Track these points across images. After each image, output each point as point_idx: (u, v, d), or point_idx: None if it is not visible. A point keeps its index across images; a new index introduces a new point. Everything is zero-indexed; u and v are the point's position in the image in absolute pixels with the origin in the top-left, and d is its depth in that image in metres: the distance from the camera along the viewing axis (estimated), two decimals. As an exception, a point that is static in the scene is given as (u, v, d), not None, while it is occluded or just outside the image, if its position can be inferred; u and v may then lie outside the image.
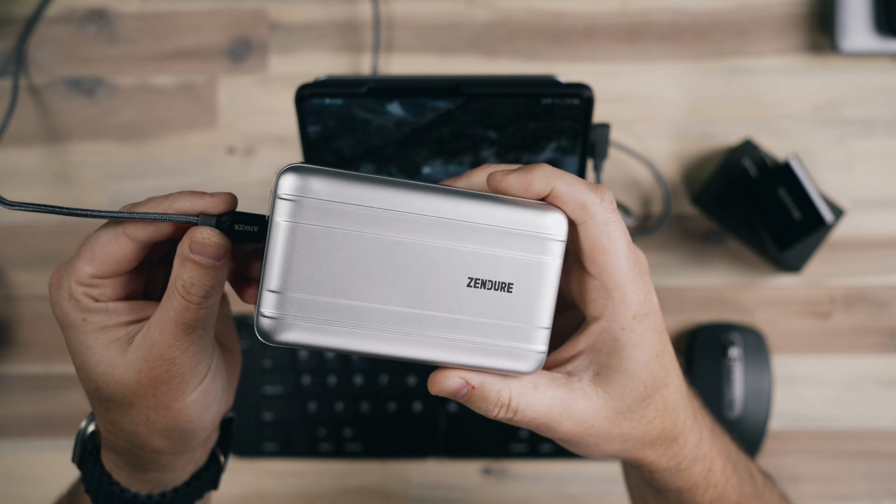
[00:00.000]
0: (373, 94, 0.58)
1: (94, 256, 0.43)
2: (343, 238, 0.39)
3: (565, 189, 0.42)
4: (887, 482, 0.79)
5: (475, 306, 0.41)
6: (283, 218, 0.38)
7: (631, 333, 0.44)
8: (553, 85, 0.57)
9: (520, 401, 0.43)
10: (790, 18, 0.80)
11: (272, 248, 0.39)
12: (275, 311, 0.39)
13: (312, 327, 0.39)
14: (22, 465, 0.82)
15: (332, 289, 0.39)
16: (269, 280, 0.39)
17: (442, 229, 0.40)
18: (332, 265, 0.39)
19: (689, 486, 0.50)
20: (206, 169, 0.81)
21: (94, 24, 0.82)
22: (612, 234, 0.43)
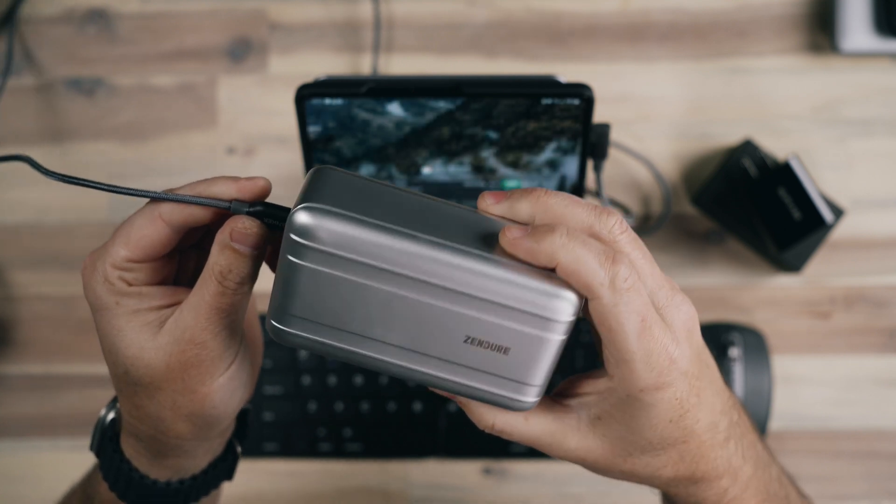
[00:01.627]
0: (373, 94, 0.58)
1: (130, 240, 0.44)
2: (346, 284, 0.39)
3: (571, 267, 0.39)
4: (887, 482, 0.79)
5: (470, 358, 0.41)
6: (290, 255, 0.39)
7: (638, 402, 0.42)
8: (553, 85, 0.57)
9: (505, 427, 0.44)
10: (790, 18, 0.80)
11: (279, 273, 0.40)
12: (279, 323, 0.41)
13: (315, 340, 0.41)
14: (22, 465, 0.82)
15: (332, 319, 0.40)
16: (274, 298, 0.40)
17: (447, 294, 0.39)
18: (334, 303, 0.40)
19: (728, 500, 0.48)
20: (206, 169, 0.81)
21: (94, 24, 0.82)
22: (620, 316, 0.40)
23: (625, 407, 0.43)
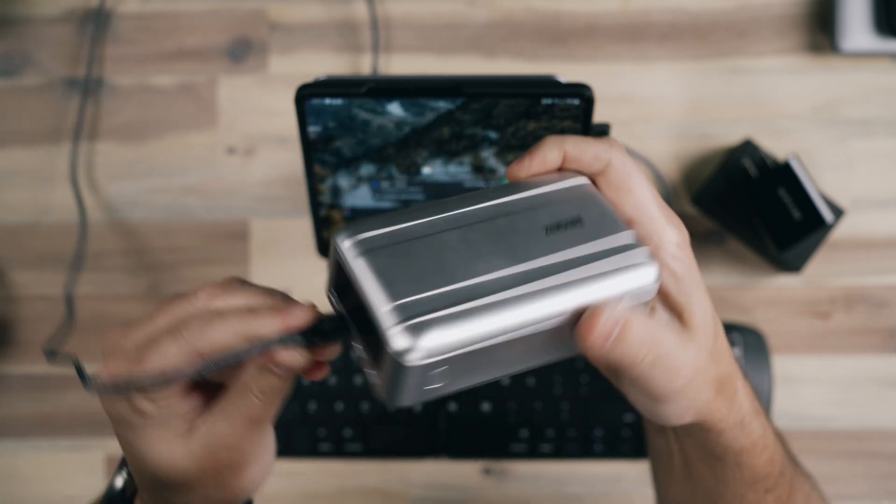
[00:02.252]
0: (373, 94, 0.58)
1: (165, 376, 0.41)
2: (415, 242, 0.40)
3: (575, 148, 0.44)
4: (887, 482, 0.79)
5: (566, 243, 0.41)
6: (353, 256, 0.39)
7: (681, 263, 0.44)
8: (553, 85, 0.57)
9: (637, 327, 0.42)
10: (790, 18, 0.80)
11: (362, 284, 0.39)
12: (399, 322, 0.37)
13: (444, 319, 0.38)
14: (22, 465, 0.82)
15: (437, 280, 0.39)
16: (378, 306, 0.38)
17: (490, 213, 0.42)
18: (423, 264, 0.39)
19: (750, 445, 0.50)
20: (206, 169, 0.81)
21: (94, 25, 0.82)
22: (632, 173, 0.44)
23: (679, 284, 0.44)
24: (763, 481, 0.52)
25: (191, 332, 0.41)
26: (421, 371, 0.37)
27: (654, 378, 0.43)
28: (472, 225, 0.41)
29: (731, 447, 0.50)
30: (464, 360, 0.38)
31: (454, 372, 0.39)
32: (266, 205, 0.81)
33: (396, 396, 0.39)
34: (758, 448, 0.51)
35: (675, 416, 0.46)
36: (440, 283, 0.38)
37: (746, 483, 0.52)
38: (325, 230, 0.66)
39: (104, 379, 0.41)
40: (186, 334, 0.41)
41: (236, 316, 0.41)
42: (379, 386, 0.39)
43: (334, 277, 0.41)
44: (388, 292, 0.38)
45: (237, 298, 0.43)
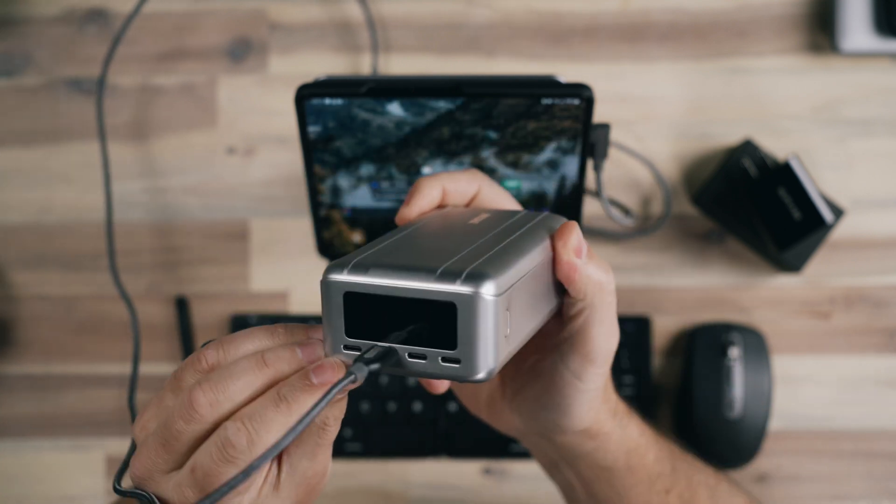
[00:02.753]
0: (373, 94, 0.58)
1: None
2: (403, 247, 0.42)
3: (451, 183, 0.49)
4: (887, 482, 0.79)
5: (502, 221, 0.47)
6: (363, 274, 0.39)
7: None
8: (553, 85, 0.57)
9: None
10: (790, 18, 0.80)
11: (394, 283, 0.39)
12: (454, 279, 0.38)
13: (485, 265, 0.39)
14: (22, 465, 0.82)
15: (448, 253, 0.41)
16: (426, 283, 0.39)
17: (440, 223, 0.47)
18: (426, 250, 0.41)
19: (633, 444, 0.54)
20: (206, 169, 0.81)
21: (94, 24, 0.82)
22: (500, 193, 0.51)
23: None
24: (659, 480, 0.55)
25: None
26: (500, 305, 0.38)
27: (604, 323, 0.48)
28: (438, 228, 0.45)
29: (618, 452, 0.53)
30: (517, 297, 0.40)
31: (514, 314, 0.40)
32: (266, 205, 0.81)
33: (484, 355, 0.39)
34: (641, 448, 0.54)
35: (584, 405, 0.50)
36: (452, 254, 0.40)
37: (644, 485, 0.55)
38: (325, 230, 0.66)
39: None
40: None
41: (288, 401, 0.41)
42: (462, 363, 0.39)
43: (344, 323, 0.40)
44: (421, 273, 0.39)
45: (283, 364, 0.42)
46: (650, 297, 0.80)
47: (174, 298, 0.81)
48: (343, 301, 0.39)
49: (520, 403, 0.53)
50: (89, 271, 0.81)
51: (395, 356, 0.39)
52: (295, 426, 0.37)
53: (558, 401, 0.50)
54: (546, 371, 0.50)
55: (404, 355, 0.39)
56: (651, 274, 0.80)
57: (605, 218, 0.78)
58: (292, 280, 0.81)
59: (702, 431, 0.76)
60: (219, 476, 0.40)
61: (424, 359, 0.39)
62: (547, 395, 0.51)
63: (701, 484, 0.58)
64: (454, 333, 0.38)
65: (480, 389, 0.56)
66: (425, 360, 0.39)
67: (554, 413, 0.51)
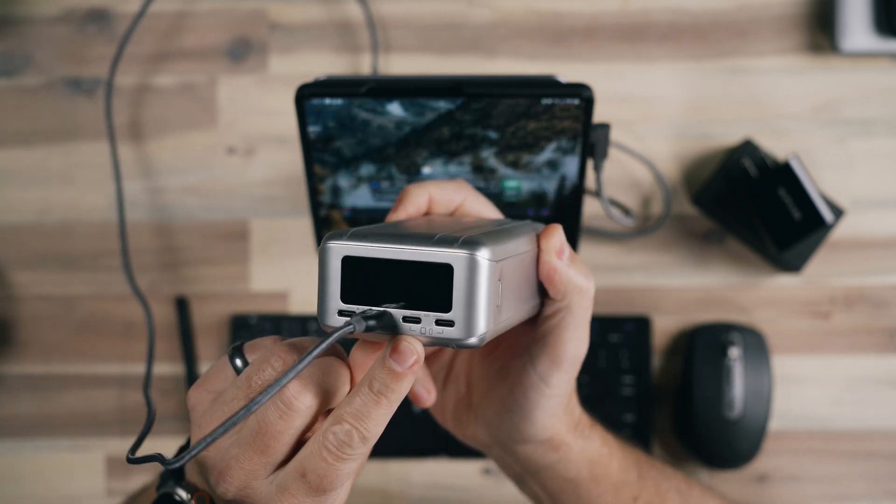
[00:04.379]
0: (373, 94, 0.58)
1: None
2: (396, 225, 0.44)
3: (438, 191, 0.50)
4: (887, 482, 0.79)
5: None
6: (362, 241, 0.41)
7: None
8: (553, 85, 0.57)
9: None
10: (790, 18, 0.80)
11: (393, 248, 0.40)
12: (452, 244, 0.40)
13: (480, 236, 0.41)
14: (22, 465, 0.82)
15: (442, 229, 0.43)
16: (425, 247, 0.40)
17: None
18: (418, 227, 0.43)
19: (596, 455, 0.54)
20: (206, 169, 0.81)
21: (94, 24, 0.82)
22: (483, 202, 0.51)
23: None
24: (626, 489, 0.56)
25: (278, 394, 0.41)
26: (494, 273, 0.40)
27: (577, 328, 0.49)
28: (427, 221, 0.47)
29: (581, 462, 0.54)
30: (507, 273, 0.42)
31: (504, 289, 0.42)
32: (266, 205, 0.81)
33: (478, 317, 0.40)
34: (605, 458, 0.55)
35: (548, 412, 0.51)
36: (448, 229, 0.42)
37: (611, 495, 0.55)
38: (325, 230, 0.66)
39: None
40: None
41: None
42: (457, 325, 0.40)
43: (342, 286, 0.41)
44: (419, 240, 0.40)
45: None
46: (650, 297, 0.80)
47: (174, 298, 0.81)
48: (341, 266, 0.41)
49: (485, 409, 0.53)
50: (89, 271, 0.81)
51: (390, 319, 0.41)
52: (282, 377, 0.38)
53: (522, 404, 0.51)
54: (513, 372, 0.51)
55: (399, 319, 0.40)
56: (651, 274, 0.80)
57: (605, 218, 0.78)
58: (292, 280, 0.81)
59: (702, 431, 0.76)
60: (337, 476, 0.42)
61: (419, 322, 0.40)
62: (512, 398, 0.51)
63: (671, 490, 0.58)
64: (450, 295, 0.40)
65: (447, 398, 0.56)
66: (419, 323, 0.40)
67: (517, 417, 0.51)
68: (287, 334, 0.78)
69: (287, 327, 0.79)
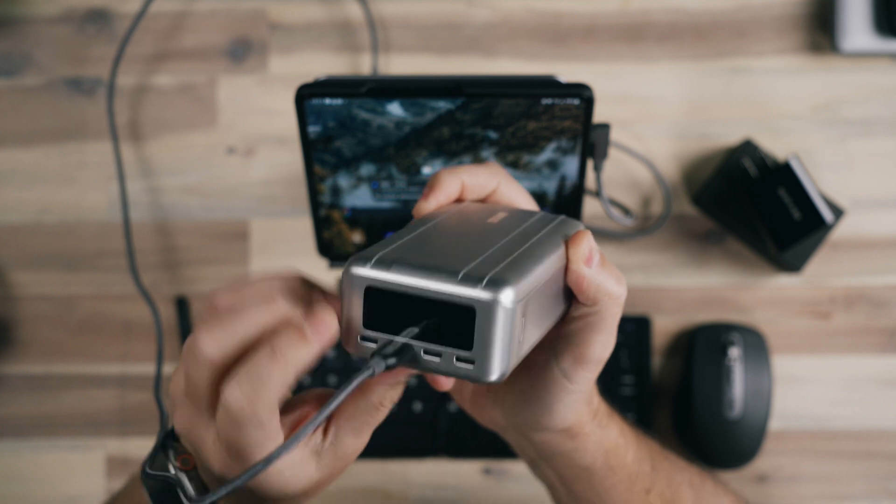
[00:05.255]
0: (373, 94, 0.58)
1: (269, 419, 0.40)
2: (426, 244, 0.42)
3: (471, 177, 0.48)
4: (887, 482, 0.79)
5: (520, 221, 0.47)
6: (386, 270, 0.40)
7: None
8: (553, 85, 0.57)
9: None
10: (790, 18, 0.80)
11: (416, 282, 0.40)
12: (475, 284, 0.39)
13: (505, 270, 0.40)
14: (22, 465, 0.81)
15: (471, 254, 0.41)
16: (447, 285, 0.39)
17: (449, 220, 0.47)
18: (450, 250, 0.42)
19: (613, 445, 0.54)
20: (206, 169, 0.81)
21: (94, 24, 0.82)
22: (518, 191, 0.50)
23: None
24: (639, 481, 0.55)
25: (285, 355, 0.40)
26: (517, 313, 0.39)
27: (605, 332, 0.48)
28: (458, 225, 0.45)
29: (597, 452, 0.53)
30: (532, 304, 0.41)
31: (528, 320, 0.41)
32: (266, 205, 0.81)
33: (499, 359, 0.39)
34: (621, 448, 0.54)
35: (570, 405, 0.50)
36: (473, 257, 0.41)
37: (624, 485, 0.55)
38: (325, 230, 0.66)
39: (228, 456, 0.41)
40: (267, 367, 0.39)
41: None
42: (476, 364, 0.40)
43: (365, 313, 0.41)
44: (443, 274, 0.39)
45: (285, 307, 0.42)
46: (650, 297, 0.80)
47: (174, 298, 0.81)
48: (364, 295, 0.40)
49: (504, 397, 0.53)
50: (89, 271, 0.81)
51: (410, 352, 0.40)
52: (316, 416, 0.38)
53: (543, 397, 0.51)
54: (536, 366, 0.51)
55: (420, 352, 0.40)
56: (651, 274, 0.80)
57: (605, 218, 0.78)
58: (292, 280, 0.81)
59: (702, 431, 0.76)
60: (238, 441, 0.40)
61: (439, 357, 0.40)
62: (532, 391, 0.51)
63: (684, 483, 0.58)
64: (471, 336, 0.39)
65: (466, 381, 0.55)
66: (440, 357, 0.40)
67: (537, 409, 0.51)
68: (287, 334, 0.78)
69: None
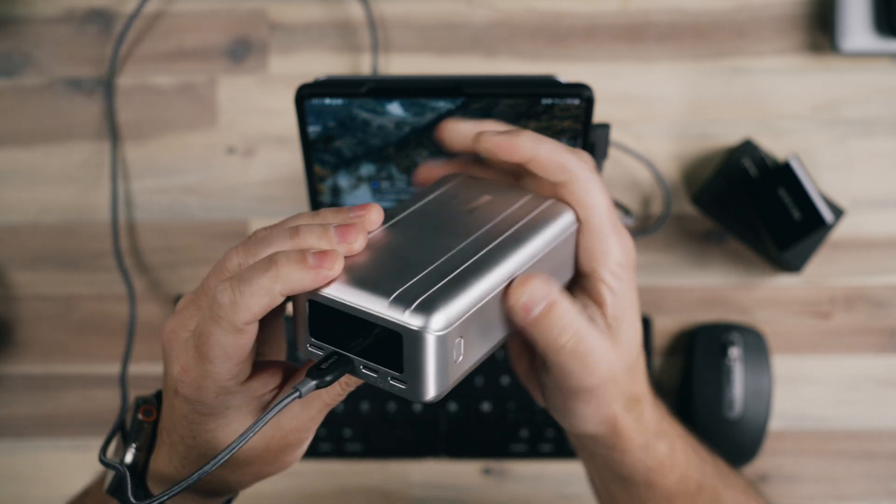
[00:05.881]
0: (373, 94, 0.58)
1: (234, 354, 0.41)
2: (372, 254, 0.42)
3: (547, 154, 0.45)
4: (887, 482, 0.79)
5: (490, 215, 0.46)
6: (324, 289, 0.40)
7: (619, 281, 0.46)
8: (553, 85, 0.57)
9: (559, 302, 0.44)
10: (790, 18, 0.80)
11: (349, 302, 0.40)
12: (407, 308, 0.39)
13: (441, 291, 0.40)
14: (22, 465, 0.82)
15: (412, 270, 0.41)
16: (378, 308, 0.39)
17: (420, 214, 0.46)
18: (390, 264, 0.41)
19: (657, 466, 0.51)
20: (206, 169, 0.81)
21: (94, 25, 0.82)
22: (594, 191, 0.45)
23: (613, 297, 0.46)
24: (678, 498, 0.54)
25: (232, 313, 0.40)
26: (446, 341, 0.39)
27: (571, 368, 0.45)
28: (413, 224, 0.45)
29: (635, 468, 0.51)
30: (473, 323, 0.41)
31: (469, 339, 0.41)
32: (266, 205, 0.81)
33: (431, 381, 0.39)
34: (665, 468, 0.52)
35: (581, 419, 0.48)
36: (416, 271, 0.41)
37: (661, 502, 0.53)
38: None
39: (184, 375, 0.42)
40: (223, 317, 0.40)
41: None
42: (408, 386, 0.40)
43: (308, 326, 0.41)
44: (377, 295, 0.39)
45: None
46: (650, 297, 0.80)
47: (174, 298, 0.81)
48: (308, 308, 0.41)
49: (544, 388, 0.51)
50: (89, 271, 0.81)
51: (350, 365, 0.41)
52: (246, 432, 0.39)
53: (551, 404, 0.49)
54: (541, 380, 0.50)
55: (359, 367, 0.41)
56: (651, 274, 0.80)
57: (605, 218, 0.78)
58: (292, 280, 0.81)
59: (702, 431, 0.76)
60: (208, 336, 0.40)
61: (376, 374, 0.40)
62: (545, 396, 0.50)
63: (726, 503, 0.56)
64: (401, 359, 0.39)
65: (522, 358, 0.53)
66: (377, 374, 0.41)
67: (558, 414, 0.50)
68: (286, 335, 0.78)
69: (287, 327, 0.79)
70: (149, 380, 0.80)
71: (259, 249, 0.42)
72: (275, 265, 0.39)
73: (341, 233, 0.41)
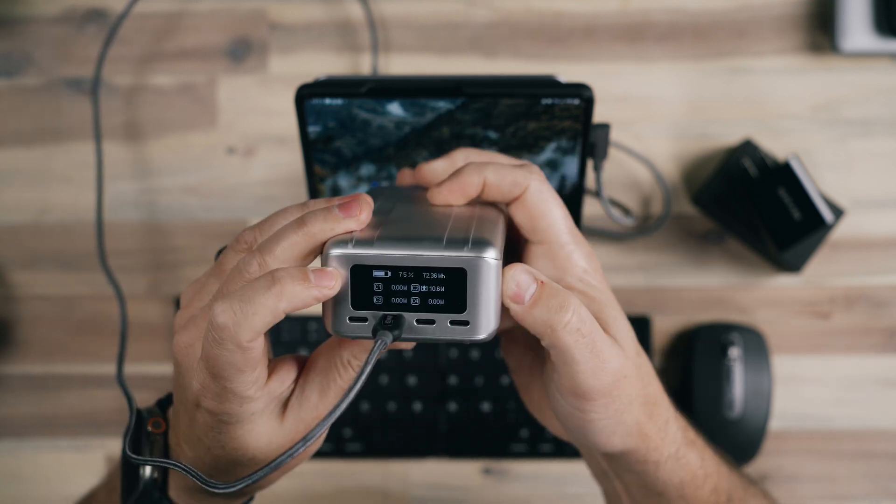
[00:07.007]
0: (373, 94, 0.58)
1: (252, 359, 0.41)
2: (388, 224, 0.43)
3: (495, 176, 0.45)
4: (887, 482, 0.79)
5: None
6: (370, 248, 0.41)
7: (588, 286, 0.46)
8: (553, 85, 0.57)
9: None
10: (790, 18, 0.80)
11: (405, 254, 0.41)
12: (461, 248, 0.41)
13: (478, 235, 0.42)
14: (22, 465, 0.82)
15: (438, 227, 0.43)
16: (436, 251, 0.40)
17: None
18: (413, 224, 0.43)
19: (690, 477, 0.50)
20: (206, 169, 0.81)
21: (93, 24, 0.82)
22: (548, 200, 0.46)
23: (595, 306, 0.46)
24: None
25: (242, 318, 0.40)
26: (499, 268, 0.41)
27: (582, 356, 0.43)
28: (415, 203, 0.47)
29: (670, 481, 0.50)
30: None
31: None
32: (266, 205, 0.81)
33: (491, 316, 0.41)
34: (698, 479, 0.51)
35: (606, 433, 0.46)
36: (441, 227, 0.42)
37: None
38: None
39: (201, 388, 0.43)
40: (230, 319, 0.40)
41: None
42: (471, 324, 0.41)
43: (350, 295, 0.41)
44: (426, 242, 0.41)
45: None
46: (650, 297, 0.80)
47: (174, 298, 0.81)
48: (350, 275, 0.41)
49: (559, 420, 0.49)
50: (89, 271, 0.81)
51: (404, 322, 0.41)
52: (340, 401, 0.39)
53: (570, 426, 0.47)
54: (550, 400, 0.48)
55: (412, 321, 0.41)
56: (651, 274, 0.80)
57: (605, 218, 0.78)
58: (292, 280, 0.81)
59: (702, 431, 0.76)
60: (216, 358, 0.41)
61: (433, 323, 0.41)
62: (562, 419, 0.48)
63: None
64: (463, 297, 0.40)
65: (532, 387, 0.52)
66: (433, 324, 0.41)
67: (575, 435, 0.48)
68: (286, 335, 0.78)
69: (286, 327, 0.79)
70: (149, 380, 0.80)
71: (274, 223, 0.44)
72: (278, 283, 0.39)
73: (345, 209, 0.42)
